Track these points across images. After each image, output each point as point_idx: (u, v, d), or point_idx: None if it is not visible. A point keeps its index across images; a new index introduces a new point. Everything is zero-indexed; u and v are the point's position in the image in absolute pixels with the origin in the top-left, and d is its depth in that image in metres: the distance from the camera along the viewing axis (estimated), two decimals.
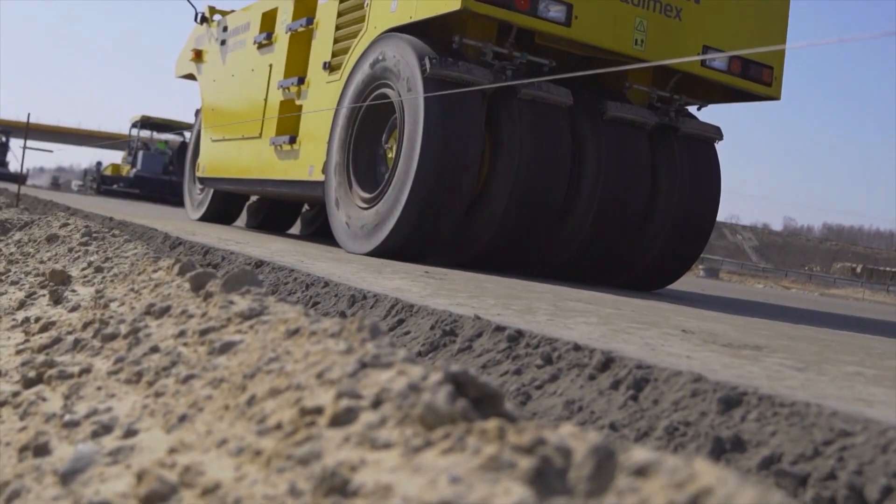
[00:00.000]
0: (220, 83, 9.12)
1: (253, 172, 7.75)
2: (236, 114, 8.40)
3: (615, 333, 2.20)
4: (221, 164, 8.72)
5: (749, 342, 2.30)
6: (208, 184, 9.37)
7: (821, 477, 1.31)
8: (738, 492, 0.66)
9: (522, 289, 3.54)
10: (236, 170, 8.25)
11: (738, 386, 1.55)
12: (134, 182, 33.00)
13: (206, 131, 9.31)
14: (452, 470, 0.81)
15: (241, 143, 8.12)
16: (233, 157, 8.39)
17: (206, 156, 9.19)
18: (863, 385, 1.75)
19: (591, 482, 0.76)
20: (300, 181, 6.75)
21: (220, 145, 8.80)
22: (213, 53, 9.42)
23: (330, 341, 1.19)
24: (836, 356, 2.20)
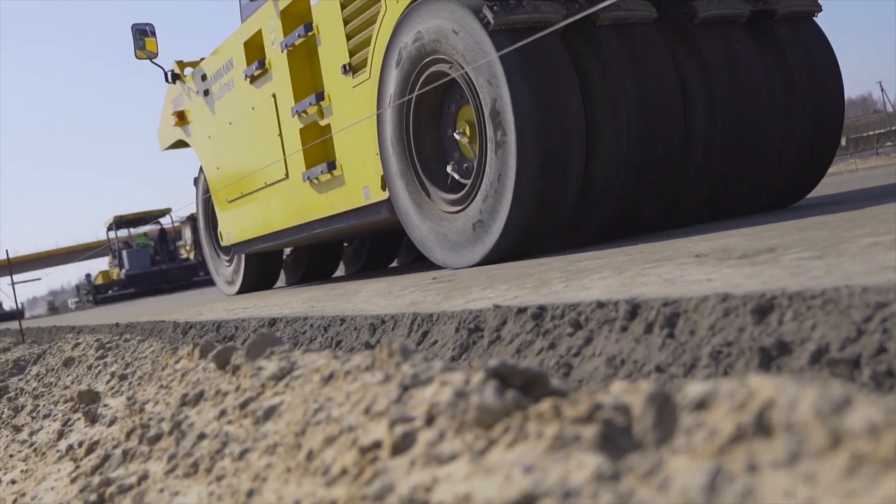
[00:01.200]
0: (217, 138, 7.98)
1: (291, 219, 6.72)
2: (249, 163, 7.28)
3: (632, 279, 2.21)
4: (249, 224, 7.64)
5: (762, 247, 2.30)
6: (239, 250, 8.16)
7: (871, 354, 1.31)
8: (798, 395, 0.67)
9: (530, 266, 3.54)
10: (269, 224, 7.19)
11: (766, 292, 1.56)
12: (127, 282, 33.09)
13: (216, 196, 8.24)
14: (523, 460, 0.82)
15: (267, 193, 7.04)
16: (260, 211, 7.30)
17: (227, 221, 8.14)
18: (883, 253, 1.75)
19: (657, 430, 0.76)
20: (355, 209, 5.70)
21: (240, 204, 7.72)
22: (198, 108, 8.28)
23: (366, 375, 1.20)
24: (849, 234, 2.20)
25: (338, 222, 6.00)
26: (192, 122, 8.56)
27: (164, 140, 9.45)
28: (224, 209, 8.15)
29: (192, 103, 8.41)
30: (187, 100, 8.53)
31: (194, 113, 8.44)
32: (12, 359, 4.87)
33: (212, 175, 8.31)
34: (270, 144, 6.74)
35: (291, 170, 6.47)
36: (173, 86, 8.72)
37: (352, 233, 7.24)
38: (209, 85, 7.92)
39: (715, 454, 0.68)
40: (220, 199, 8.17)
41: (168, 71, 8.54)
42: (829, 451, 0.62)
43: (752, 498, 0.62)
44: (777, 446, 0.65)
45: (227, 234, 8.18)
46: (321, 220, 6.24)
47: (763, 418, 0.68)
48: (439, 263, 4.67)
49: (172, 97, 8.87)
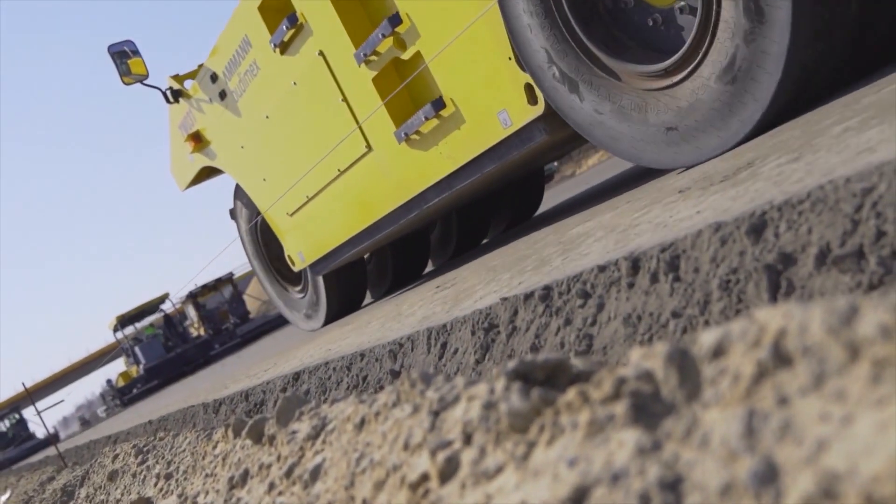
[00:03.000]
0: (253, 142, 6.38)
1: (389, 202, 5.23)
2: (307, 156, 5.76)
3: (625, 233, 2.21)
4: (326, 232, 6.10)
5: (740, 163, 2.30)
6: (319, 269, 6.56)
7: (872, 241, 1.32)
8: (806, 317, 0.67)
9: (525, 245, 3.55)
10: (357, 220, 5.70)
11: (754, 210, 1.56)
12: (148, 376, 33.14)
13: (272, 215, 6.65)
14: (565, 455, 0.82)
15: (344, 183, 5.57)
16: (340, 209, 5.81)
17: (295, 239, 6.58)
18: (856, 137, 1.75)
19: (684, 387, 0.76)
20: (492, 149, 4.13)
21: (308, 212, 6.17)
22: (218, 118, 6.69)
23: (395, 411, 1.20)
24: (819, 126, 2.20)
25: (464, 177, 4.49)
26: (212, 139, 7.01)
27: (182, 176, 7.85)
28: (286, 227, 6.58)
29: (208, 116, 6.84)
30: (200, 115, 6.97)
31: (213, 126, 6.87)
32: (59, 487, 4.88)
33: (258, 192, 6.71)
34: (333, 117, 5.27)
35: (374, 137, 5.02)
36: (176, 107, 7.22)
37: (485, 187, 5.26)
38: (224, 84, 6.39)
39: (743, 398, 0.69)
40: (279, 216, 6.58)
41: (165, 90, 7.03)
42: (850, 364, 0.62)
43: (791, 430, 0.63)
44: (800, 373, 0.65)
45: (300, 254, 6.58)
46: (437, 186, 4.72)
47: (780, 349, 0.68)
48: (654, 164, 3.15)
49: (179, 122, 7.36)
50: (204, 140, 7.10)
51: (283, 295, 7.80)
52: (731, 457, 0.65)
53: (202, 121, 6.96)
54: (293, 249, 6.70)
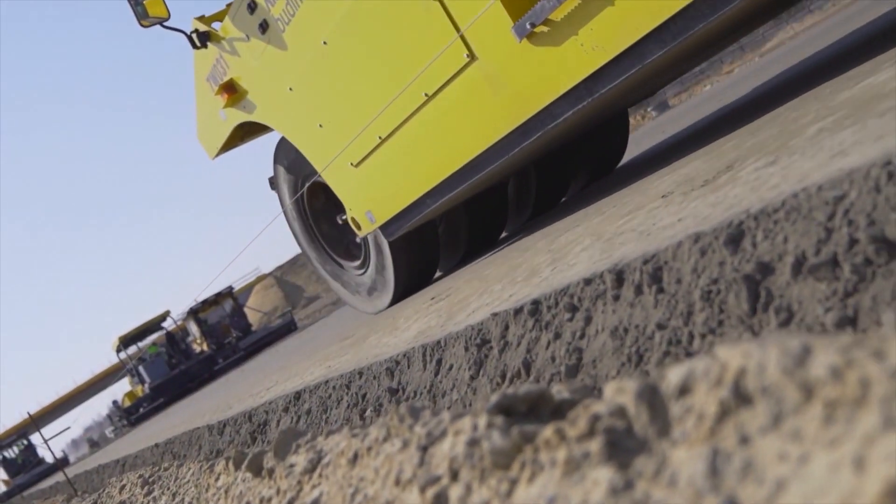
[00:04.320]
0: (305, 81, 5.20)
1: (501, 124, 4.06)
2: (379, 80, 4.65)
3: (611, 242, 2.23)
4: (408, 179, 4.92)
5: (721, 165, 2.33)
6: (395, 228, 5.27)
7: (845, 248, 1.34)
8: (764, 357, 0.69)
9: (517, 252, 3.57)
10: (451, 157, 4.50)
11: (732, 219, 1.58)
12: (153, 395, 33.17)
13: (332, 167, 5.38)
14: (545, 493, 0.84)
15: (432, 110, 4.43)
16: (426, 144, 4.62)
17: (362, 196, 5.34)
18: (830, 139, 1.78)
19: (654, 424, 0.79)
20: (668, 22, 3.05)
21: (382, 156, 4.96)
22: (258, 57, 5.50)
23: (386, 446, 1.23)
24: (795, 125, 2.23)
25: (613, 76, 3.40)
26: (250, 86, 5.80)
27: (212, 141, 6.64)
28: (350, 181, 5.38)
29: (244, 59, 5.67)
30: (233, 60, 5.80)
31: (252, 70, 5.68)
32: None
33: (312, 143, 5.52)
34: (418, 27, 4.22)
35: (479, 40, 3.92)
36: (203, 56, 6.09)
37: (630, 92, 4.11)
38: (265, 12, 5.26)
39: (708, 437, 0.71)
40: (340, 170, 5.37)
41: (191, 33, 5.89)
42: (804, 404, 0.64)
43: (752, 470, 0.65)
44: (760, 413, 0.68)
45: (368, 214, 5.38)
46: (573, 93, 3.62)
47: (740, 388, 0.70)
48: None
49: (206, 73, 6.17)
50: (239, 90, 5.90)
51: (337, 274, 6.52)
52: (698, 496, 0.68)
53: (236, 66, 5.78)
54: (359, 209, 5.43)
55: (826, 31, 10.79)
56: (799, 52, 8.66)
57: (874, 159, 1.38)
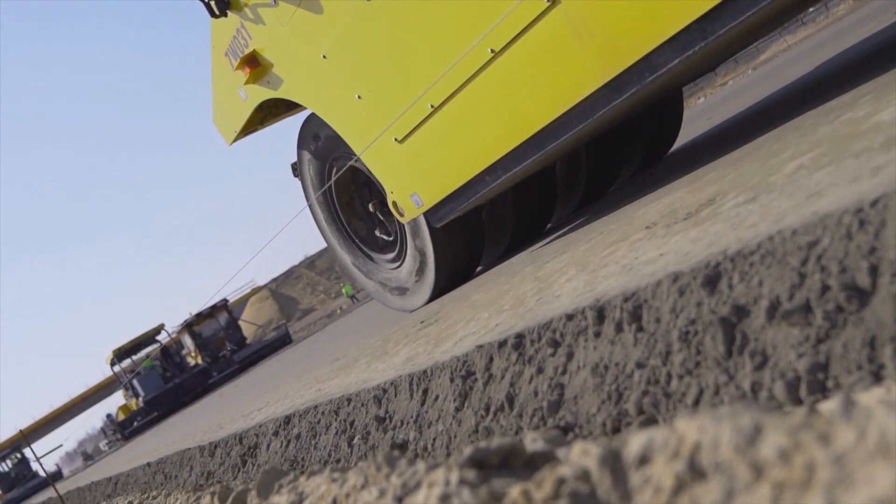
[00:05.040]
0: (343, 41, 4.58)
1: (587, 79, 3.44)
2: (433, 38, 4.03)
3: (595, 274, 2.26)
4: (464, 154, 4.28)
5: (703, 198, 2.35)
6: (445, 213, 4.66)
7: (817, 295, 1.36)
8: (718, 433, 0.71)
9: (505, 277, 3.60)
10: (520, 125, 3.87)
11: (709, 260, 1.60)
12: (148, 408, 33.14)
13: (373, 147, 4.74)
14: None
15: (497, 70, 3.80)
16: (490, 111, 3.97)
17: (411, 171, 4.67)
18: (807, 177, 1.80)
19: (616, 489, 0.81)
20: None
21: (433, 128, 4.33)
22: (286, 23, 4.88)
23: (364, 494, 1.24)
24: (776, 159, 2.25)
25: (737, 12, 2.84)
26: (276, 58, 5.20)
27: (229, 124, 6.01)
28: (393, 160, 4.74)
29: (270, 27, 5.06)
30: (257, 29, 5.18)
31: (278, 40, 5.07)
32: None
33: (349, 117, 4.90)
34: None
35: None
36: (222, 26, 5.47)
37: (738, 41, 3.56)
38: None
39: None
40: (381, 147, 4.75)
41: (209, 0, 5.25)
42: (754, 483, 0.66)
43: None
44: (713, 488, 0.70)
45: (414, 196, 4.75)
46: (682, 36, 3.03)
47: (695, 463, 0.72)
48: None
49: (224, 47, 5.56)
50: (262, 63, 5.29)
51: (368, 268, 5.92)
52: None
53: (260, 36, 5.18)
54: (403, 191, 4.81)
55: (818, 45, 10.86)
56: (789, 69, 8.71)
57: (847, 205, 1.40)
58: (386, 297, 5.85)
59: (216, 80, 5.88)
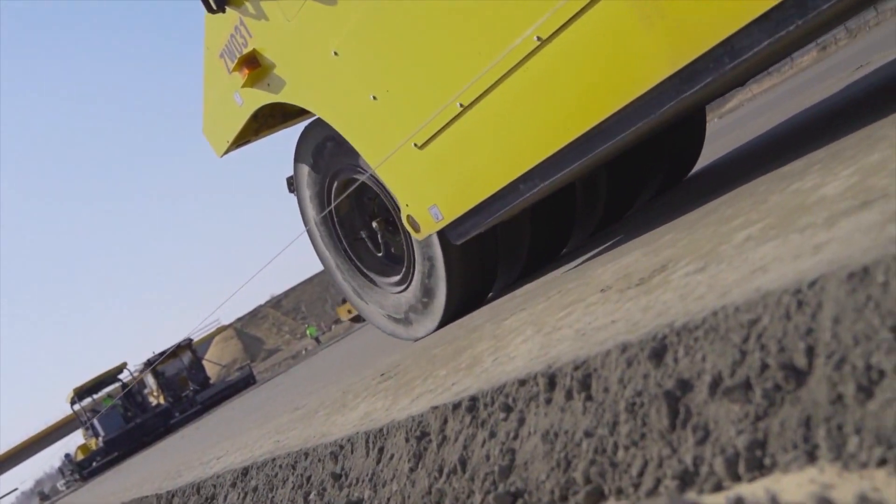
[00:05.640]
0: (358, 37, 4.11)
1: (662, 64, 2.97)
2: (471, 24, 3.54)
3: (550, 337, 2.29)
4: (503, 154, 3.76)
5: (657, 263, 2.40)
6: (467, 228, 4.17)
7: (757, 373, 1.40)
8: None
9: (465, 331, 3.62)
10: (576, 119, 3.36)
11: (657, 332, 1.64)
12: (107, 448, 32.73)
13: (390, 159, 4.27)
14: None
15: (552, 54, 3.28)
16: (537, 105, 3.47)
17: (431, 180, 4.18)
18: (754, 250, 1.85)
19: None
20: None
21: (465, 127, 3.82)
22: (294, 17, 4.42)
23: None
24: (727, 227, 2.31)
25: None
26: (278, 58, 4.73)
27: (222, 133, 5.52)
28: (411, 168, 4.25)
29: (274, 21, 4.61)
30: (258, 26, 4.74)
31: (284, 35, 4.59)
32: None
33: (362, 123, 4.42)
34: None
35: None
36: (218, 24, 5.03)
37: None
38: None
39: None
40: (399, 156, 4.26)
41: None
42: None
43: None
44: None
45: (433, 209, 4.27)
46: (773, 17, 2.61)
47: None
48: None
49: (219, 48, 5.12)
50: (263, 64, 4.84)
51: (369, 292, 5.46)
52: None
53: (262, 33, 4.74)
54: (421, 204, 4.33)
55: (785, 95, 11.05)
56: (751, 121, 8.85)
57: (787, 284, 1.44)
58: (385, 324, 5.43)
59: (209, 84, 5.45)
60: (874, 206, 1.60)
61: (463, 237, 4.27)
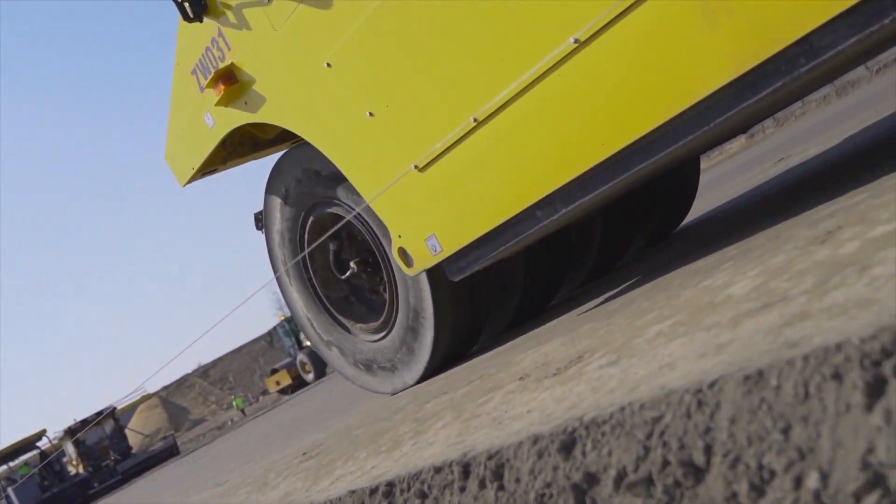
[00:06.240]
0: (362, 42, 3.65)
1: (727, 66, 2.55)
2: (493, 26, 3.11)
3: (467, 424, 2.33)
4: (524, 174, 3.31)
5: (575, 353, 2.46)
6: (468, 262, 3.72)
7: (658, 469, 1.46)
8: None
9: (388, 412, 3.65)
10: (618, 131, 2.90)
11: (567, 425, 1.70)
12: None
13: (378, 181, 3.87)
14: None
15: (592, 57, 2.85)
16: (571, 117, 3.02)
17: (431, 207, 3.72)
18: (664, 346, 1.92)
19: None
20: None
21: (478, 145, 3.38)
22: (282, 26, 3.99)
23: None
24: (642, 320, 2.38)
25: None
26: (262, 71, 4.26)
27: (188, 159, 5.02)
28: (409, 193, 3.78)
29: (258, 32, 4.16)
30: (240, 36, 4.27)
31: (268, 47, 4.15)
32: None
33: (354, 144, 3.94)
34: None
35: None
36: (191, 38, 4.58)
37: None
38: None
39: None
40: (395, 178, 3.79)
41: (182, 1, 4.32)
42: None
43: None
44: None
45: (431, 240, 3.80)
46: (864, 10, 2.27)
47: None
48: None
49: (191, 64, 4.66)
50: (241, 80, 4.37)
51: (342, 339, 4.95)
52: None
53: (243, 45, 4.29)
54: (417, 234, 3.87)
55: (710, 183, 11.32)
56: None
57: (689, 384, 1.51)
58: (358, 375, 4.94)
59: (176, 104, 4.96)
60: (774, 309, 1.68)
61: (462, 273, 3.82)
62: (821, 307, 1.50)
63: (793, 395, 1.30)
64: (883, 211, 1.95)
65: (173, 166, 5.15)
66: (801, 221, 2.58)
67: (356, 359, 4.89)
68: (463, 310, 4.34)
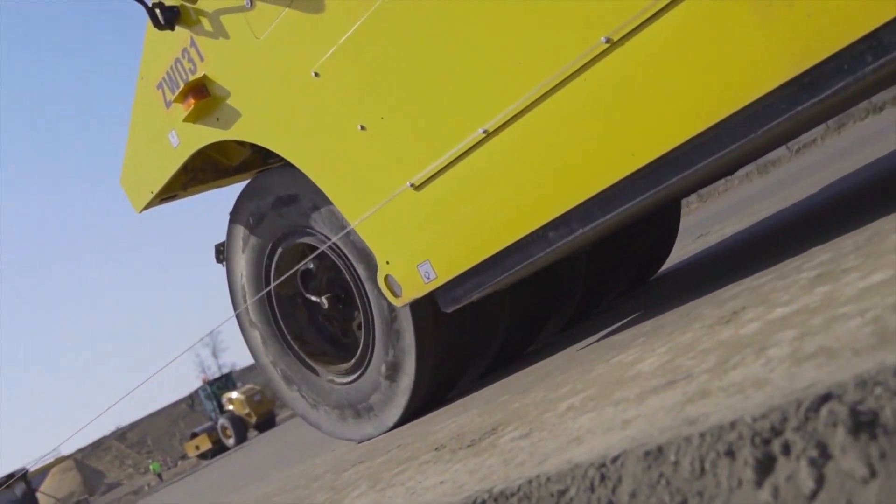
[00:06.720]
0: (357, 47, 3.32)
1: (784, 65, 2.29)
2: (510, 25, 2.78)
3: (382, 493, 2.36)
4: (530, 196, 3.00)
5: (489, 425, 2.50)
6: (464, 291, 3.39)
7: None
8: None
9: (305, 480, 3.64)
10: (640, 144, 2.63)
11: (477, 497, 1.73)
12: None
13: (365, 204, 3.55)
14: None
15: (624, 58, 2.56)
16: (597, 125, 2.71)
17: (427, 230, 3.39)
18: (574, 420, 1.97)
19: None
20: None
21: (481, 161, 3.06)
22: (260, 34, 3.68)
23: None
24: (555, 394, 2.43)
25: None
26: (237, 84, 3.93)
27: (146, 182, 4.61)
28: (402, 215, 3.46)
29: (237, 40, 3.83)
30: (215, 46, 3.93)
31: (247, 57, 3.81)
32: None
33: (341, 162, 3.60)
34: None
35: None
36: (159, 48, 4.22)
37: None
38: None
39: None
40: (402, 206, 3.44)
41: (153, 6, 3.96)
42: None
43: None
44: None
45: (424, 266, 3.45)
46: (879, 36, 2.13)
47: None
48: None
49: (157, 78, 4.29)
50: (213, 94, 4.03)
51: (310, 383, 4.54)
52: None
53: (218, 56, 3.96)
54: (408, 260, 3.53)
55: None
56: None
57: (594, 458, 1.55)
58: (325, 421, 4.49)
59: (137, 122, 4.54)
60: (678, 386, 1.74)
61: (457, 303, 3.49)
62: (720, 385, 1.56)
63: (689, 471, 1.35)
64: (784, 293, 2.04)
65: (129, 190, 4.72)
66: (710, 300, 2.67)
67: (324, 402, 4.46)
68: (445, 343, 3.98)
